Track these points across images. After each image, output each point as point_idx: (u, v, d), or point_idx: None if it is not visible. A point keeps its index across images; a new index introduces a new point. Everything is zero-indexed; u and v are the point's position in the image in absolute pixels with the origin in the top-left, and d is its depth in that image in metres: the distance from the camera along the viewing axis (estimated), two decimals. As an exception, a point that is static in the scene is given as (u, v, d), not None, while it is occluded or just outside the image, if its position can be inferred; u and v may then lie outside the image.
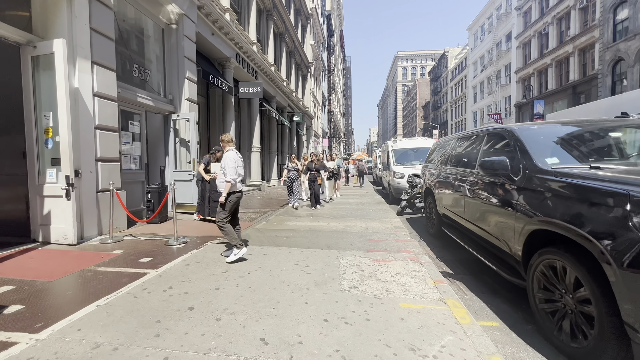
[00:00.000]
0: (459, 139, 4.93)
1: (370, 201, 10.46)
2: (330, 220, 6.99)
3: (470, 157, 4.18)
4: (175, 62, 7.64)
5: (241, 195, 4.12)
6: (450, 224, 4.82)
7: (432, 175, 5.80)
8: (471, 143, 4.39)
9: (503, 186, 3.05)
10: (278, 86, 16.93)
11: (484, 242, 3.59)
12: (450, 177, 4.70)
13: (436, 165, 5.71)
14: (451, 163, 4.90)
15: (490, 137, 3.83)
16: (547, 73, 29.78)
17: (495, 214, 3.20)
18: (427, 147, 11.25)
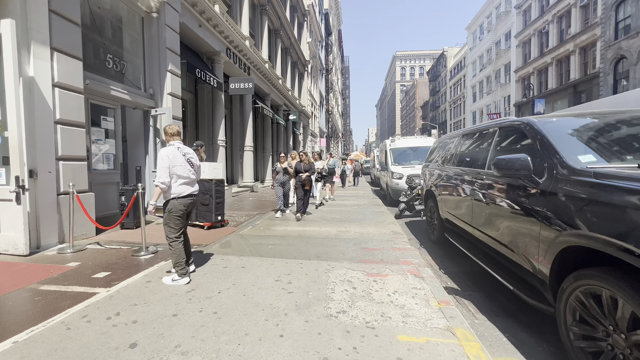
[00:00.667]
0: (464, 136, 4.39)
1: (367, 203, 9.93)
2: (322, 224, 6.45)
3: (479, 156, 3.65)
4: (156, 53, 7.08)
5: (190, 203, 3.29)
6: (455, 230, 4.29)
7: (433, 176, 5.27)
8: (479, 140, 3.85)
9: (523, 189, 2.51)
10: (272, 83, 16.38)
11: (496, 255, 3.05)
12: (455, 178, 4.17)
13: (438, 165, 5.18)
14: (455, 162, 4.36)
15: (502, 132, 3.30)
16: (547, 72, 29.36)
17: (512, 222, 2.66)
18: (426, 146, 10.74)
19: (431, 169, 5.56)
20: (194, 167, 3.40)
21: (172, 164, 3.17)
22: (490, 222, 3.08)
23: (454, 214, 4.17)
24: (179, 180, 3.23)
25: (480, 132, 3.87)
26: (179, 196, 3.21)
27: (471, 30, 47.45)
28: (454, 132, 4.97)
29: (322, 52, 40.88)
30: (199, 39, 9.24)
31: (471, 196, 3.54)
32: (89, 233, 4.96)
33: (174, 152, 3.24)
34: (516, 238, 2.59)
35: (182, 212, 3.23)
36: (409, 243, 4.95)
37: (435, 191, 5.02)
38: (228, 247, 4.59)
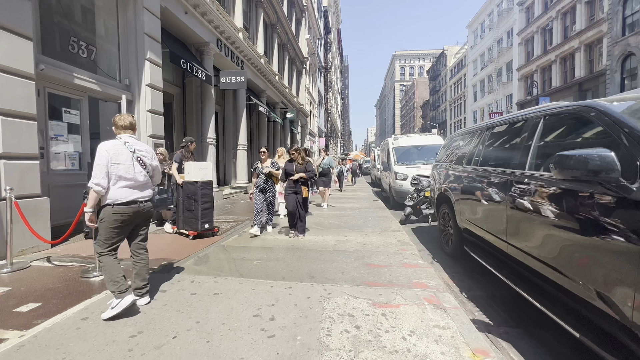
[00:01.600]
0: (489, 129, 3.62)
1: (369, 206, 9.17)
2: (319, 232, 5.68)
3: (514, 153, 2.89)
4: (132, 39, 6.30)
5: (134, 212, 2.57)
6: (478, 243, 3.53)
7: (447, 177, 4.51)
8: (513, 133, 3.09)
9: (602, 198, 1.76)
10: (269, 80, 15.61)
11: (546, 282, 2.30)
12: (479, 180, 3.41)
13: (453, 165, 4.42)
14: (479, 161, 3.60)
15: (551, 122, 2.54)
16: (551, 70, 28.68)
17: (580, 244, 1.91)
18: (432, 145, 9.99)
19: (444, 169, 4.80)
20: (146, 167, 2.65)
21: (111, 162, 2.44)
22: (538, 239, 2.32)
23: (478, 224, 3.41)
24: (120, 182, 2.49)
25: (515, 123, 3.11)
26: (116, 202, 2.46)
27: (472, 29, 46.78)
28: (474, 126, 4.21)
29: (321, 50, 40.14)
30: (185, 27, 8.47)
31: (505, 203, 2.78)
32: (41, 246, 4.18)
33: (116, 147, 2.50)
34: (592, 269, 1.82)
35: (120, 224, 2.50)
36: (419, 256, 4.19)
37: (450, 195, 4.27)
38: (204, 263, 3.82)
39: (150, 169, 2.69)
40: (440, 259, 4.42)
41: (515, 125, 3.08)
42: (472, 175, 3.64)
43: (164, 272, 3.46)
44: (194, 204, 4.90)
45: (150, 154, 2.74)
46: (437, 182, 5.01)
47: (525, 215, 2.48)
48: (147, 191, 2.66)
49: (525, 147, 2.73)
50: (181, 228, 5.09)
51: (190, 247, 4.49)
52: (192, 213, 4.93)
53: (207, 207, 5.00)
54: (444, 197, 4.64)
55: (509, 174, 2.83)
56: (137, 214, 2.57)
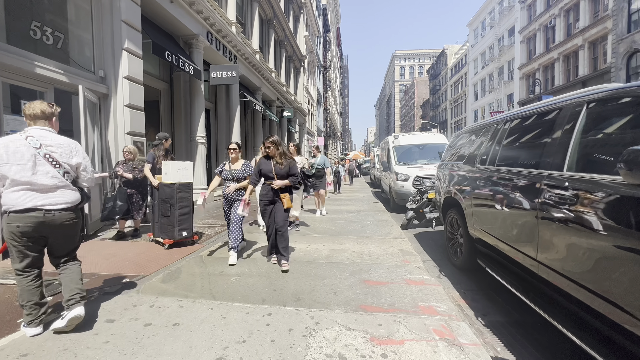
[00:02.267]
0: (511, 122, 3.06)
1: (367, 208, 8.61)
2: (311, 239, 5.13)
3: (548, 150, 2.33)
4: (108, 27, 5.75)
5: (38, 223, 2.05)
6: (496, 257, 2.98)
7: (456, 179, 3.96)
8: (544, 126, 2.53)
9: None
10: (264, 76, 15.06)
11: (600, 321, 1.75)
12: (499, 183, 2.86)
13: (464, 165, 3.87)
14: (497, 161, 3.05)
15: (600, 110, 1.99)
16: (554, 68, 28.16)
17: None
18: (435, 143, 9.44)
19: (451, 169, 4.25)
20: (60, 166, 2.10)
21: (1, 161, 1.95)
22: (587, 263, 1.77)
23: (496, 235, 2.86)
24: (14, 186, 1.98)
25: (545, 114, 2.55)
26: (11, 210, 1.98)
27: (472, 27, 46.27)
28: (490, 120, 3.66)
29: (320, 48, 39.60)
30: (171, 18, 7.91)
31: (535, 212, 2.23)
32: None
33: (12, 142, 1.99)
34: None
35: (20, 237, 2.01)
36: (425, 269, 3.64)
37: (460, 199, 3.72)
38: (173, 280, 3.26)
39: (68, 168, 2.14)
40: (449, 272, 3.86)
41: (545, 116, 2.53)
42: (489, 176, 3.09)
43: (120, 292, 2.90)
44: (170, 209, 4.34)
45: (69, 150, 2.20)
46: (444, 184, 4.45)
47: (566, 230, 1.92)
48: (60, 197, 2.10)
49: (561, 143, 2.17)
50: (157, 236, 4.53)
51: (163, 259, 3.93)
52: (168, 219, 4.38)
53: (185, 213, 4.43)
54: (452, 201, 4.09)
55: (539, 176, 2.28)
56: (43, 225, 2.04)
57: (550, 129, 2.37)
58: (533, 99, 29.58)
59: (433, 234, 5.91)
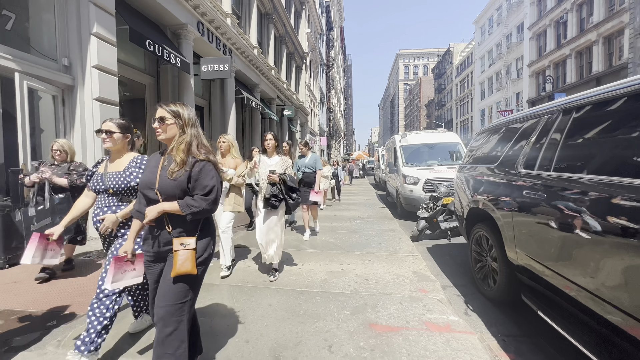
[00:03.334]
0: (575, 111, 2.20)
1: (372, 215, 7.78)
2: (305, 255, 4.32)
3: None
4: (73, 8, 4.98)
5: None
6: (553, 298, 2.14)
7: (488, 186, 3.11)
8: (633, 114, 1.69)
9: None
10: (263, 73, 14.28)
11: None
12: (561, 196, 2.02)
13: (499, 168, 3.02)
14: (556, 163, 2.20)
15: None
16: (566, 65, 27.09)
17: None
18: (446, 143, 8.57)
19: (478, 174, 3.41)
20: None
21: None
22: None
23: (556, 268, 2.02)
24: None
25: (634, 97, 1.71)
26: None
27: (479, 24, 45.20)
28: (536, 110, 2.81)
29: (323, 46, 38.81)
30: (155, 4, 7.15)
31: (630, 242, 1.40)
32: None
33: None
34: None
35: None
36: (448, 303, 2.81)
37: (494, 213, 2.87)
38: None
39: None
40: (478, 305, 3.01)
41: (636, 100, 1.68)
42: (541, 185, 2.25)
43: (31, 347, 2.10)
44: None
45: None
46: (467, 191, 3.61)
47: None
48: None
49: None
50: (116, 253, 3.72)
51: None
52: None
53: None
54: (480, 213, 3.25)
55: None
56: None
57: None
58: (544, 97, 28.54)
59: (450, 248, 5.07)
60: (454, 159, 8.24)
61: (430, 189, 7.01)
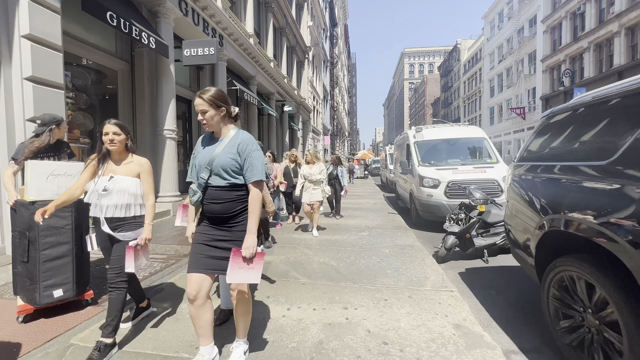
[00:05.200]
0: None
1: (382, 224, 6.52)
2: (294, 289, 3.08)
3: None
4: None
5: None
6: None
7: (593, 197, 1.86)
8: None
9: None
10: (260, 65, 13.09)
11: None
12: None
13: (607, 166, 1.77)
14: None
15: None
16: (583, 59, 25.57)
17: None
18: (470, 138, 7.29)
19: (567, 176, 2.15)
20: None
21: None
22: None
23: None
24: None
25: None
26: None
27: (488, 19, 43.67)
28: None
29: (327, 43, 37.57)
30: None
31: None
32: None
33: None
34: None
35: None
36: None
37: (619, 243, 1.62)
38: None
39: None
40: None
41: None
42: None
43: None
44: (27, 249, 2.35)
45: None
46: (538, 203, 2.35)
47: None
48: None
49: None
50: (17, 294, 2.53)
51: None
52: (26, 267, 2.39)
53: (60, 256, 2.43)
54: (571, 241, 2.00)
55: None
56: None
57: None
58: (560, 93, 27.01)
59: (490, 274, 3.80)
60: (478, 156, 6.96)
61: (454, 194, 5.74)
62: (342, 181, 7.26)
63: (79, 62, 6.32)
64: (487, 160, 6.66)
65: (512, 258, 4.47)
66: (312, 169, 5.63)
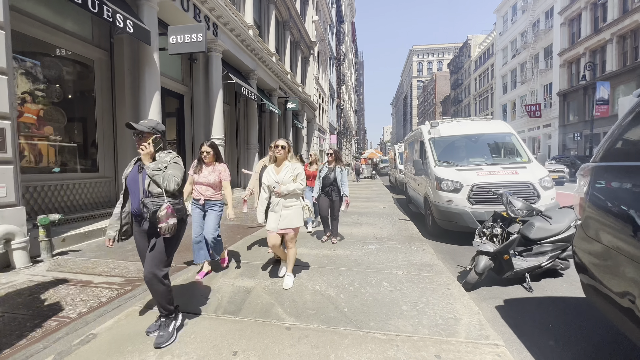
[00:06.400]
0: None
1: (393, 233, 5.60)
2: (274, 341, 2.22)
3: None
4: None
5: None
6: None
7: None
8: None
9: None
10: (261, 58, 12.27)
11: None
12: None
13: None
14: None
15: None
16: (605, 51, 24.13)
17: None
18: (495, 134, 6.32)
19: None
20: None
21: None
22: None
23: None
24: None
25: None
26: None
27: (501, 13, 42.14)
28: None
29: (333, 39, 36.62)
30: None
31: None
32: None
33: None
34: None
35: None
36: None
37: None
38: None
39: None
40: None
41: None
42: None
43: None
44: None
45: None
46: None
47: None
48: None
49: None
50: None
51: None
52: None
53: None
54: None
55: None
56: None
57: None
58: (578, 88, 25.57)
59: (538, 309, 2.87)
60: (506, 155, 5.99)
61: (480, 200, 4.80)
62: (341, 188, 4.89)
63: (50, 51, 5.60)
64: (517, 159, 5.68)
65: (561, 280, 3.52)
66: (280, 172, 3.20)
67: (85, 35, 6.12)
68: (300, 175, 3.19)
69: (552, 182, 4.98)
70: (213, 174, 3.36)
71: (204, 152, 3.34)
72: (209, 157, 3.35)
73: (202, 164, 3.37)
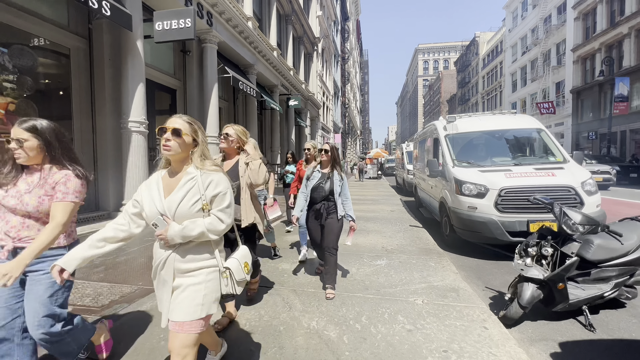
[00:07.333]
0: None
1: (405, 244, 4.86)
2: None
3: None
4: None
5: None
6: None
7: None
8: None
9: None
10: (261, 52, 11.58)
11: None
12: None
13: None
14: None
15: None
16: (622, 46, 23.03)
17: None
18: (522, 129, 5.53)
19: None
20: None
21: None
22: None
23: None
24: None
25: None
26: None
27: (510, 9, 41.02)
28: None
29: (338, 36, 35.86)
30: None
31: None
32: None
33: None
34: None
35: None
36: None
37: None
38: None
39: None
40: None
41: None
42: None
43: None
44: None
45: None
46: None
47: None
48: None
49: None
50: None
51: None
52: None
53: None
54: None
55: None
56: None
57: None
58: (593, 84, 24.48)
59: (608, 358, 2.12)
60: (536, 154, 5.21)
61: (511, 207, 4.03)
62: (340, 207, 3.23)
63: (20, 38, 4.98)
64: (551, 158, 4.90)
65: (627, 314, 2.65)
66: (175, 188, 1.53)
67: (59, 20, 5.47)
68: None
69: (597, 185, 4.20)
70: None
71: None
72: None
73: None
